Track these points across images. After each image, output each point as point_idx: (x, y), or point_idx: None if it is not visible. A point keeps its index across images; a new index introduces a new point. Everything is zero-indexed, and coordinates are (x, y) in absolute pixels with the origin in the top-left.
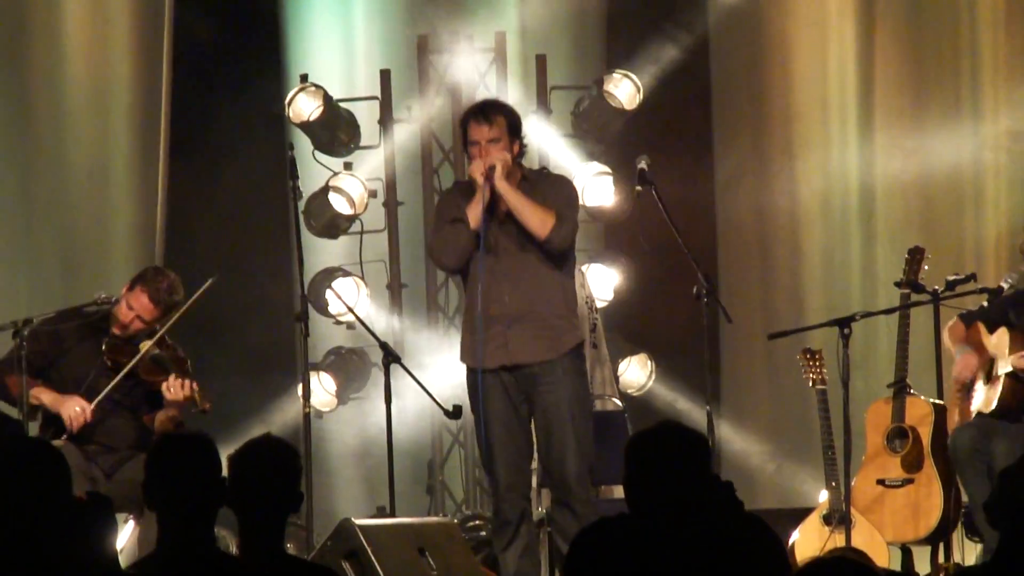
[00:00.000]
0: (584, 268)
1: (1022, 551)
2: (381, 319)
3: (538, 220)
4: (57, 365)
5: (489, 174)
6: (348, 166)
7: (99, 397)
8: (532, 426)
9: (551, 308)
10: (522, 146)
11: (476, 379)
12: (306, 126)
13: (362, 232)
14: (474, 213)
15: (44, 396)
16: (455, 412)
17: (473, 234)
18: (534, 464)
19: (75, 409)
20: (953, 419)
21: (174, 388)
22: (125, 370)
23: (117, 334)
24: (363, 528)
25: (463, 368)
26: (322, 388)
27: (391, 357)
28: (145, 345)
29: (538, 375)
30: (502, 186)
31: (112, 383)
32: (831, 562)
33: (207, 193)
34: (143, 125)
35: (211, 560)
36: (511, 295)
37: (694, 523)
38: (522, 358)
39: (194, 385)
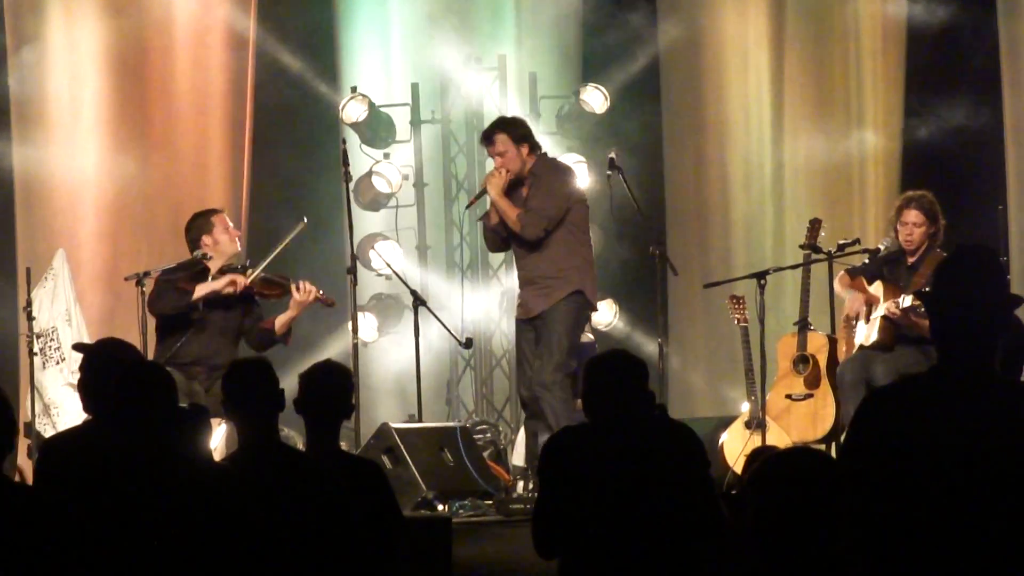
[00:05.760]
0: None
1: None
2: (411, 272)
3: (512, 223)
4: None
5: (482, 192)
6: (387, 156)
7: (254, 274)
8: None
9: (543, 271)
10: (532, 147)
11: (517, 326)
12: (355, 125)
13: (397, 206)
14: (492, 216)
15: (208, 287)
16: (467, 343)
17: (495, 228)
18: None
19: (229, 280)
20: (842, 349)
21: (303, 291)
22: (257, 272)
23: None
24: (398, 430)
25: (475, 309)
26: (367, 325)
27: (419, 301)
28: (251, 272)
29: (541, 317)
30: (493, 199)
31: (256, 272)
32: (792, 452)
33: (280, 177)
34: (233, 126)
35: (282, 453)
36: (523, 264)
37: (633, 429)
38: (534, 311)
39: (315, 287)
